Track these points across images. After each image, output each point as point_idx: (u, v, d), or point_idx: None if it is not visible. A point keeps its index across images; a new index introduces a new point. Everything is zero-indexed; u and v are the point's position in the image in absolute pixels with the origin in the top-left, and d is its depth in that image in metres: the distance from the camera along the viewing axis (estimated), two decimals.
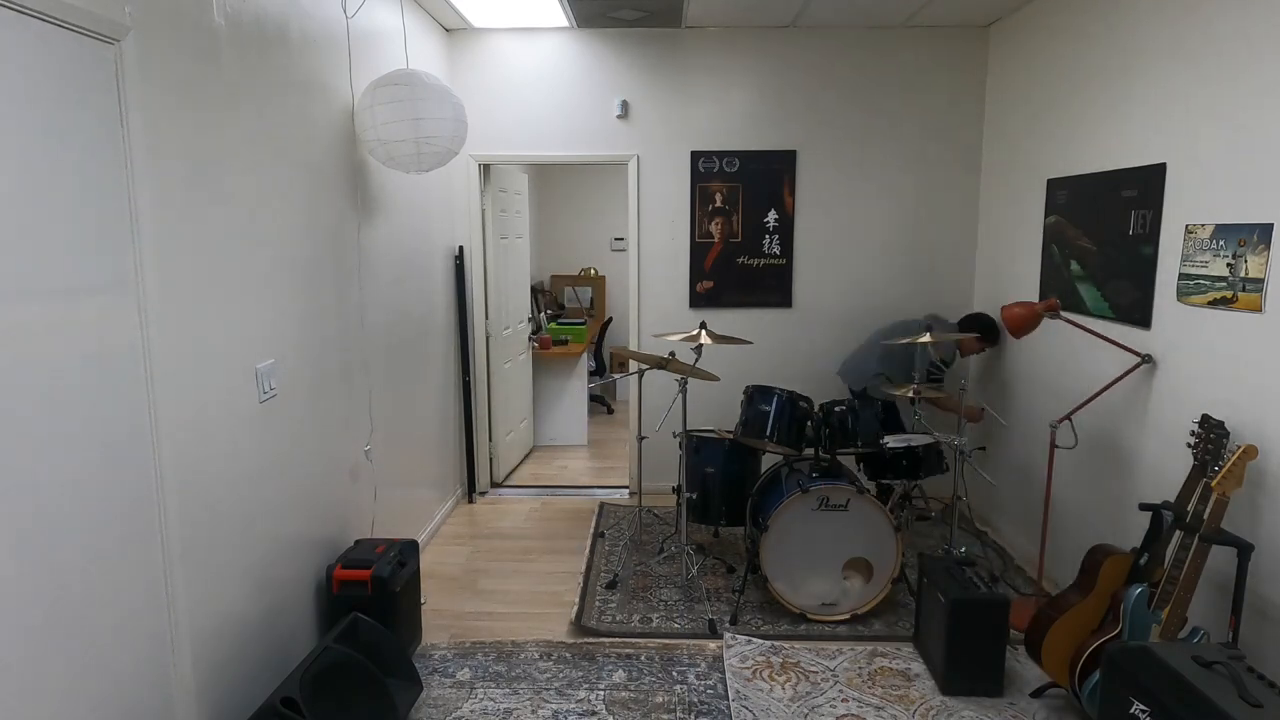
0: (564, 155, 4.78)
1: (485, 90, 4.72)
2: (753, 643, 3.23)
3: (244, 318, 2.44)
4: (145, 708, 2.01)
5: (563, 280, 8.00)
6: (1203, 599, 2.73)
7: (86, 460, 1.80)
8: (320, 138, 2.97)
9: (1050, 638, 2.69)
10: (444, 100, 3.20)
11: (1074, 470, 3.61)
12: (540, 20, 4.48)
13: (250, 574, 2.48)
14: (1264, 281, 2.48)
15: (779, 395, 3.55)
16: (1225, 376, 2.67)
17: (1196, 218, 2.81)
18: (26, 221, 1.63)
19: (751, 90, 4.68)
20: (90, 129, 1.81)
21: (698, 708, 2.80)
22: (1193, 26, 2.84)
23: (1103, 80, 3.40)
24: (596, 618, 3.44)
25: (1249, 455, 2.39)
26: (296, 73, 2.78)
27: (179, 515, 2.12)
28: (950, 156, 4.69)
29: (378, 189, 3.55)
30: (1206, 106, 2.77)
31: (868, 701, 2.84)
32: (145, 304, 1.98)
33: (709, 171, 4.75)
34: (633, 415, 4.37)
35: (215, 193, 2.28)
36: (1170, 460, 2.95)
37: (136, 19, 1.95)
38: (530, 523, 4.60)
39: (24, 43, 1.63)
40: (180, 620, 2.13)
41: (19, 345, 1.62)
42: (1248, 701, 1.82)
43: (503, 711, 2.78)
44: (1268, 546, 2.46)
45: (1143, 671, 2.02)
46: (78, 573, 1.78)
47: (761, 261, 4.82)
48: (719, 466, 3.83)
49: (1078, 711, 2.76)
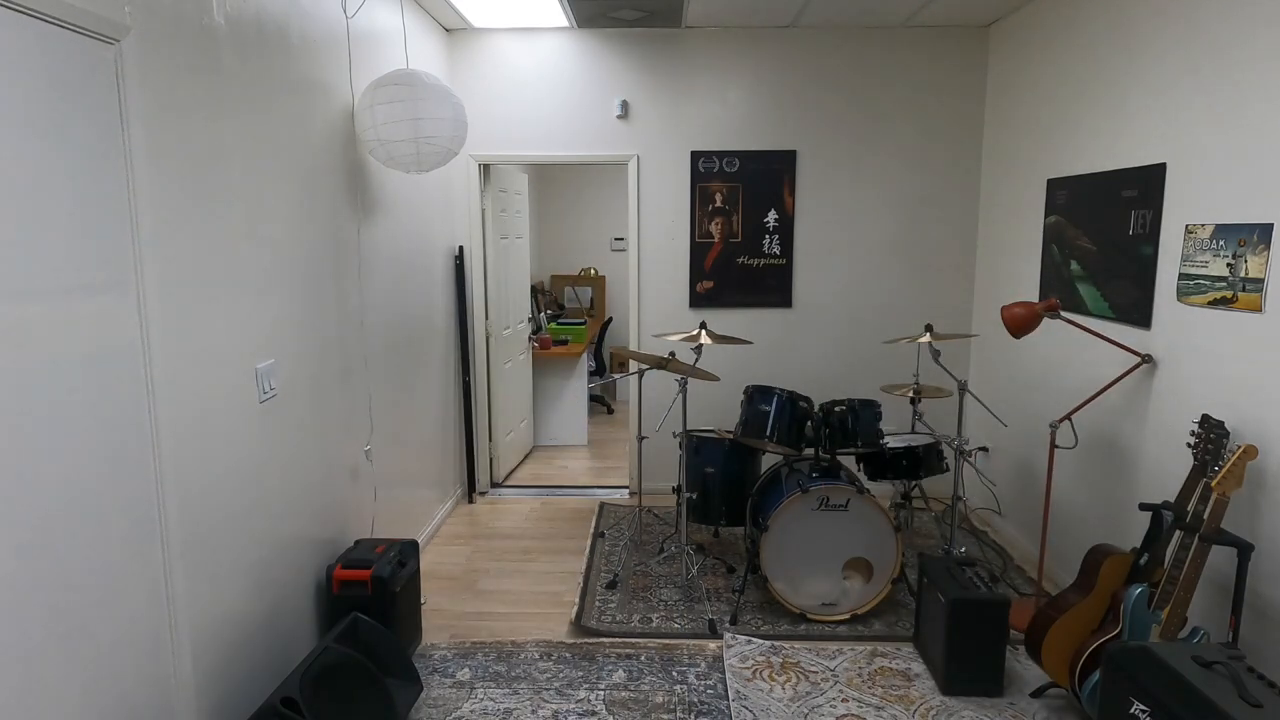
0: (564, 155, 4.78)
1: (485, 90, 4.72)
2: (753, 643, 3.23)
3: (244, 318, 2.44)
4: (145, 707, 2.01)
5: (563, 280, 8.00)
6: (1203, 599, 2.73)
7: (86, 460, 1.80)
8: (320, 138, 2.97)
9: (1050, 638, 2.69)
10: (444, 100, 3.20)
11: (1074, 470, 3.61)
12: (540, 20, 4.48)
13: (250, 574, 2.48)
14: (1264, 281, 2.48)
15: (779, 395, 3.55)
16: (1225, 376, 2.67)
17: (1196, 218, 2.81)
18: (26, 221, 1.63)
19: (751, 90, 4.68)
20: (90, 129, 1.81)
21: (698, 708, 2.80)
22: (1193, 26, 2.84)
23: (1103, 80, 3.40)
24: (596, 618, 3.44)
25: (1249, 455, 2.39)
26: (296, 73, 2.78)
27: (179, 515, 2.12)
28: (950, 156, 4.69)
29: (378, 189, 3.55)
30: (1206, 106, 2.77)
31: (868, 701, 2.84)
32: (145, 304, 1.98)
33: (709, 171, 4.75)
34: (633, 415, 4.37)
35: (215, 193, 2.28)
36: (1170, 460, 2.95)
37: (136, 19, 1.95)
38: (530, 523, 4.60)
39: (24, 43, 1.63)
40: (180, 620, 2.13)
41: (19, 345, 1.62)
42: (1248, 701, 1.82)
43: (503, 711, 2.78)
44: (1268, 546, 2.46)
45: (1143, 671, 2.02)
46: (78, 573, 1.78)
47: (761, 261, 4.82)
48: (719, 466, 3.83)
49: (1078, 711, 2.76)
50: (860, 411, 3.52)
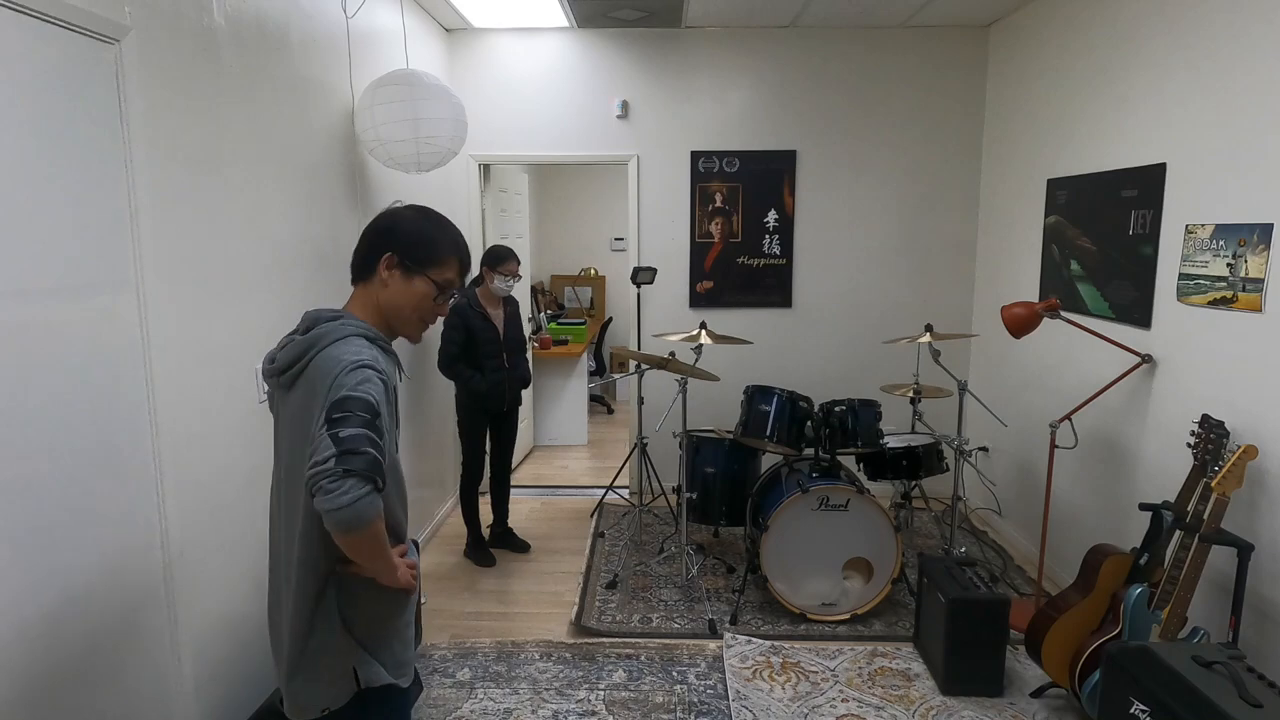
0: (564, 155, 4.78)
1: (485, 90, 4.72)
2: (753, 643, 3.23)
3: (244, 317, 2.44)
4: (145, 707, 2.01)
5: (563, 280, 8.00)
6: (1203, 599, 2.73)
7: (86, 460, 1.80)
8: (320, 138, 2.97)
9: (1050, 638, 2.69)
10: (443, 100, 3.20)
11: (1074, 470, 3.61)
12: (540, 20, 4.48)
13: (250, 574, 2.48)
14: (1264, 281, 2.48)
15: (779, 395, 3.55)
16: (1225, 376, 2.67)
17: (1196, 218, 2.81)
18: (26, 221, 1.63)
19: (751, 90, 4.68)
20: (90, 129, 1.81)
21: (698, 708, 2.80)
22: (1193, 26, 2.84)
23: (1103, 80, 3.40)
24: (596, 618, 3.44)
25: (1249, 455, 2.39)
26: (296, 73, 2.78)
27: (179, 515, 2.11)
28: (950, 156, 4.69)
29: (378, 189, 3.55)
30: (1206, 106, 2.77)
31: (868, 701, 2.84)
32: (145, 303, 1.98)
33: (709, 171, 4.75)
34: (633, 415, 4.37)
35: (215, 192, 2.28)
36: (1170, 460, 2.95)
37: (136, 19, 1.95)
38: (530, 523, 4.60)
39: (24, 43, 1.63)
40: (180, 620, 2.13)
41: (19, 344, 1.61)
42: (1248, 701, 1.82)
43: (503, 711, 2.78)
44: (1268, 546, 2.46)
45: (1143, 671, 2.02)
46: (78, 573, 1.78)
47: (761, 261, 4.82)
48: (719, 466, 3.83)
49: (1078, 711, 2.76)
50: (860, 411, 3.52)
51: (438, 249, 1.54)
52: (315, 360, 1.40)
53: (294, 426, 1.42)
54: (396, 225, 1.54)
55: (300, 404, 1.40)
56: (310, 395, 1.37)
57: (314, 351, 1.40)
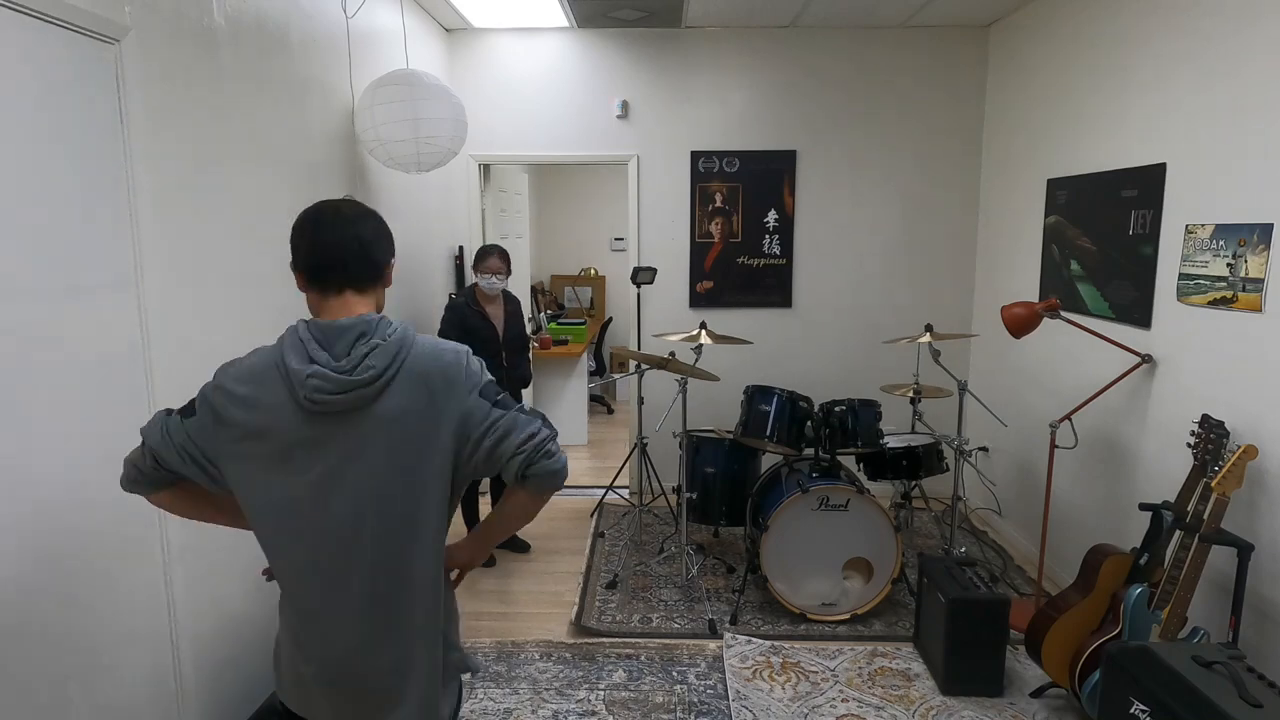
0: (564, 155, 4.78)
1: (485, 90, 4.72)
2: (753, 643, 3.22)
3: (244, 317, 2.44)
4: (146, 707, 2.01)
5: (563, 280, 8.00)
6: (1203, 599, 2.73)
7: (87, 460, 1.80)
8: (320, 138, 2.97)
9: (1050, 638, 2.69)
10: (443, 100, 3.20)
11: (1074, 470, 3.61)
12: (540, 20, 4.48)
13: (250, 574, 2.48)
14: (1264, 281, 2.48)
15: (779, 395, 3.55)
16: (1225, 376, 2.67)
17: (1196, 218, 2.81)
18: (27, 221, 1.63)
19: (751, 90, 4.68)
20: (90, 129, 1.81)
21: (698, 708, 2.80)
22: (1193, 26, 2.84)
23: (1103, 80, 3.40)
24: (596, 618, 3.44)
25: (1249, 455, 2.39)
26: (296, 73, 2.78)
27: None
28: (950, 156, 4.69)
29: (378, 189, 3.55)
30: (1206, 106, 2.77)
31: (868, 701, 2.84)
32: (145, 304, 1.98)
33: (709, 171, 4.75)
34: (633, 415, 4.37)
35: (215, 192, 2.28)
36: (1170, 460, 2.95)
37: (136, 19, 1.95)
38: (530, 523, 4.59)
39: (24, 43, 1.63)
40: (180, 620, 2.13)
41: (19, 345, 1.61)
42: (1248, 701, 1.82)
43: (503, 711, 2.78)
44: (1268, 546, 2.46)
45: (1143, 671, 2.02)
46: (79, 573, 1.78)
47: (761, 261, 4.82)
48: (719, 466, 3.83)
49: (1078, 711, 2.76)
50: (860, 411, 3.52)
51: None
52: (415, 358, 1.30)
53: (394, 430, 1.28)
54: (384, 223, 1.48)
55: (402, 406, 1.28)
56: (427, 393, 1.29)
57: (404, 352, 1.30)
